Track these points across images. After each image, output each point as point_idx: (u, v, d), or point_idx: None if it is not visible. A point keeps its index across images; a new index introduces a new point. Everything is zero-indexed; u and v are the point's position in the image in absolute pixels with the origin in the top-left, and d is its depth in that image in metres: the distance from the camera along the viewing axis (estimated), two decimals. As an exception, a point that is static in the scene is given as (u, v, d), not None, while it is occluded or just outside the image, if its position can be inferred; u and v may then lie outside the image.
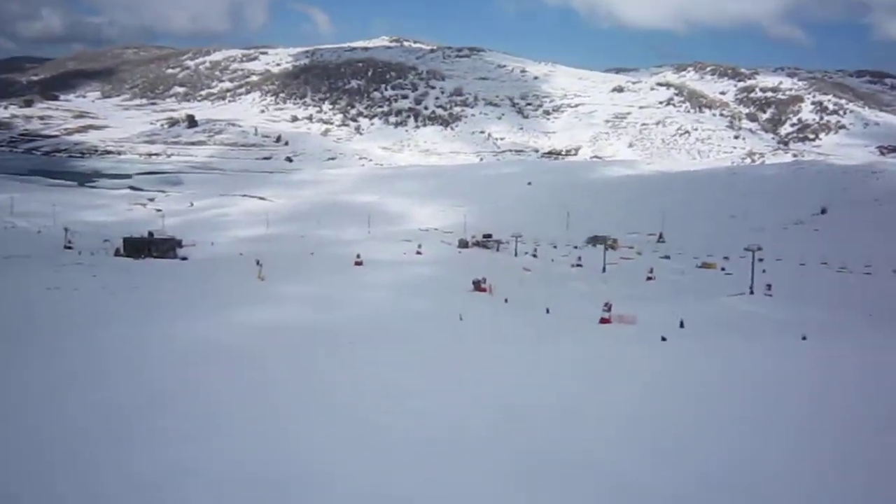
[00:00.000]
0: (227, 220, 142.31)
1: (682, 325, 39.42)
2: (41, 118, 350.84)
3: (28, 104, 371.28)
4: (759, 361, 18.26)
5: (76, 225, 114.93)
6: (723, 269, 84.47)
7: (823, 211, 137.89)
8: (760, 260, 79.72)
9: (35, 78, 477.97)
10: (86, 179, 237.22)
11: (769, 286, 64.30)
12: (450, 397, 12.40)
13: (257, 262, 71.40)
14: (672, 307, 53.35)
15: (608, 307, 44.98)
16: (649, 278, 74.52)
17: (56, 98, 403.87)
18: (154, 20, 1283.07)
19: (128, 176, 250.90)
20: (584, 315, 49.68)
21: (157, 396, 11.01)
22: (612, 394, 13.16)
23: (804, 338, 29.35)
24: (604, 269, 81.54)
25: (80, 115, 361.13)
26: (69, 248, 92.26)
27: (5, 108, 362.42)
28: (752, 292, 63.31)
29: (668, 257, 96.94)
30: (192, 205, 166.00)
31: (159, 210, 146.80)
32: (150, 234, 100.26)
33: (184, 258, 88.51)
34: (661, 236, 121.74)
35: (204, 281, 62.43)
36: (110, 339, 21.61)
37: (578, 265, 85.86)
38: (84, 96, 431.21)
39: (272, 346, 22.70)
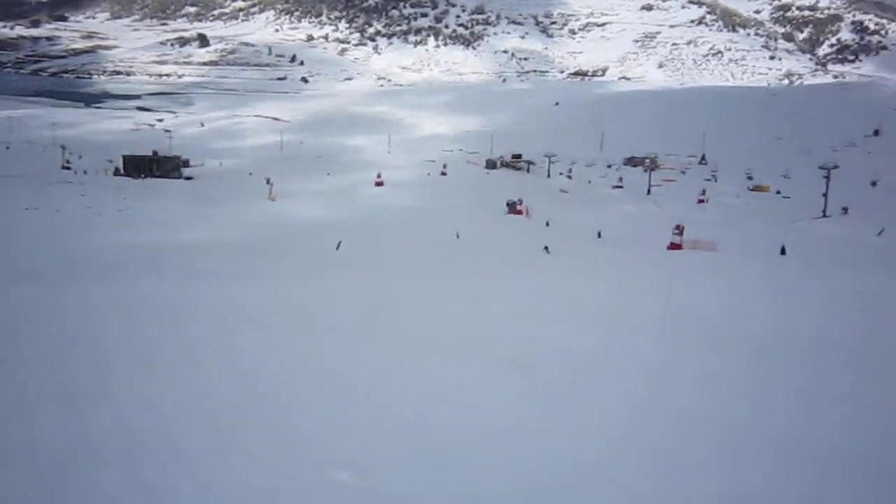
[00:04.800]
0: (238, 140, 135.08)
1: (783, 251, 31.98)
2: (48, 39, 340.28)
3: (35, 24, 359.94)
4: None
5: (80, 145, 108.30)
6: (778, 191, 77.00)
7: (876, 132, 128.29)
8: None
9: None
10: (93, 100, 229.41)
11: (846, 209, 57.16)
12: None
13: (268, 181, 65.34)
14: (744, 232, 46.30)
15: (680, 230, 37.62)
16: (701, 201, 67.59)
17: (64, 19, 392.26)
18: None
19: (137, 96, 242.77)
20: (642, 240, 42.82)
21: None
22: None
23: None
24: (648, 191, 74.55)
25: (89, 36, 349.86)
26: (67, 167, 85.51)
27: (11, 28, 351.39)
28: (825, 214, 56.17)
29: (714, 179, 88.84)
30: (202, 125, 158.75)
31: (168, 130, 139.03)
32: (155, 153, 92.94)
33: (189, 178, 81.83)
34: (703, 157, 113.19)
35: (204, 200, 55.76)
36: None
37: (619, 186, 79.12)
38: (93, 17, 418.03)
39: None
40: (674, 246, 37.16)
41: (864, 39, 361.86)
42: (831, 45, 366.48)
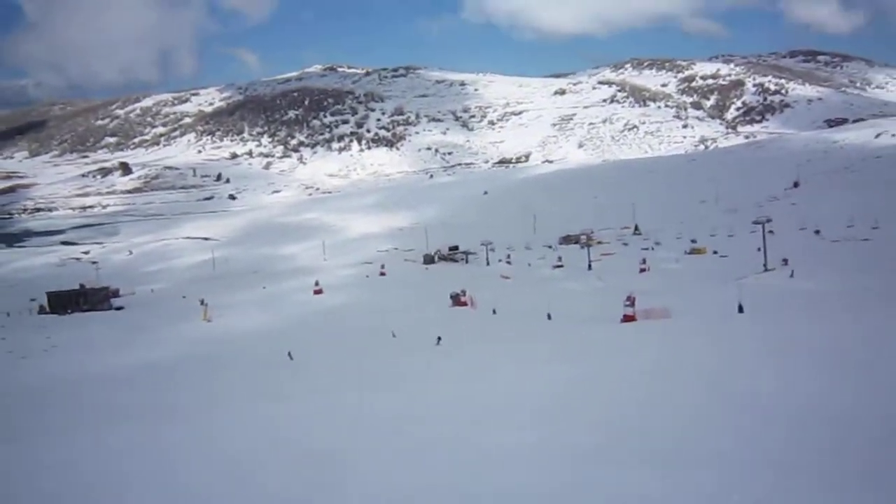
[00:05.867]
0: (169, 263, 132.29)
1: (741, 309, 31.26)
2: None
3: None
4: None
5: (2, 287, 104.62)
6: (715, 251, 77.54)
7: (796, 184, 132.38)
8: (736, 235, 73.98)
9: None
10: (15, 240, 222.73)
11: (785, 260, 57.40)
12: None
13: (202, 302, 62.90)
14: (692, 296, 45.79)
15: (631, 301, 36.72)
16: (643, 270, 67.54)
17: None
18: (82, 76, 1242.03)
19: (61, 231, 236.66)
20: (592, 316, 41.81)
21: None
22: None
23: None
24: (589, 267, 74.29)
25: (7, 176, 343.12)
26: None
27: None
28: (765, 268, 56.24)
29: (652, 248, 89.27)
30: (130, 252, 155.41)
31: (94, 262, 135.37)
32: (81, 285, 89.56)
33: (119, 308, 78.54)
34: (636, 228, 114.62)
35: (135, 330, 53.02)
36: None
37: (559, 266, 78.66)
38: (11, 157, 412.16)
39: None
40: (627, 318, 36.14)
41: (767, 100, 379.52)
42: (738, 109, 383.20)
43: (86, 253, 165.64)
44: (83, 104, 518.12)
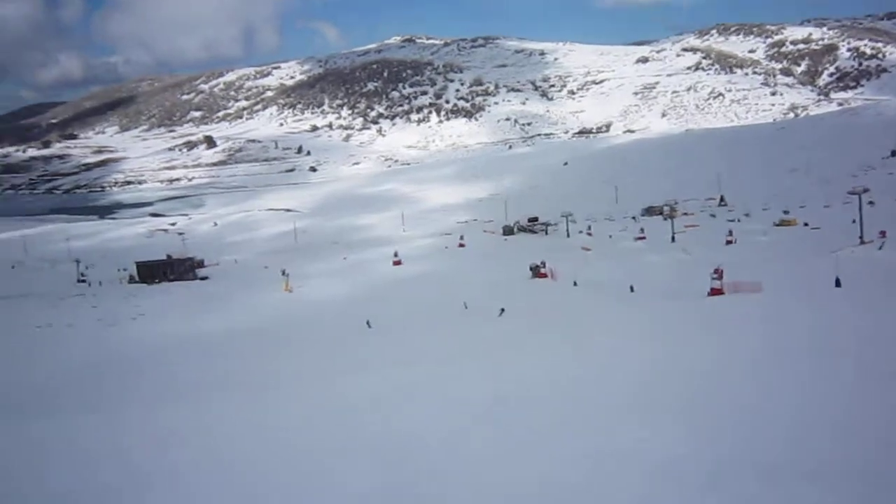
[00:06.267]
0: (252, 234, 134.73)
1: (838, 283, 29.64)
2: (60, 157, 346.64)
3: (46, 145, 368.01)
4: None
5: (95, 257, 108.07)
6: (805, 223, 74.24)
7: (894, 153, 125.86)
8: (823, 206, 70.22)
9: (53, 120, 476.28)
10: (106, 212, 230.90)
11: (883, 232, 54.44)
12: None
13: (283, 273, 63.77)
14: (782, 269, 43.84)
15: (719, 274, 35.32)
16: (729, 242, 65.29)
17: (75, 137, 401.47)
18: (168, 53, 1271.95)
19: (149, 203, 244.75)
20: (677, 289, 40.49)
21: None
22: None
23: None
24: (673, 239, 72.33)
25: (99, 151, 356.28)
26: (82, 281, 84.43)
27: (24, 151, 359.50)
28: (862, 241, 53.46)
29: (738, 220, 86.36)
30: (215, 224, 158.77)
31: (181, 233, 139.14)
32: (168, 256, 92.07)
33: (204, 278, 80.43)
34: (722, 199, 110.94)
35: (218, 300, 54.06)
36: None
37: (642, 238, 76.87)
38: (103, 132, 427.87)
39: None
40: (715, 291, 34.85)
41: (863, 65, 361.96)
42: (831, 74, 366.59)
43: (173, 224, 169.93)
44: (169, 80, 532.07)
